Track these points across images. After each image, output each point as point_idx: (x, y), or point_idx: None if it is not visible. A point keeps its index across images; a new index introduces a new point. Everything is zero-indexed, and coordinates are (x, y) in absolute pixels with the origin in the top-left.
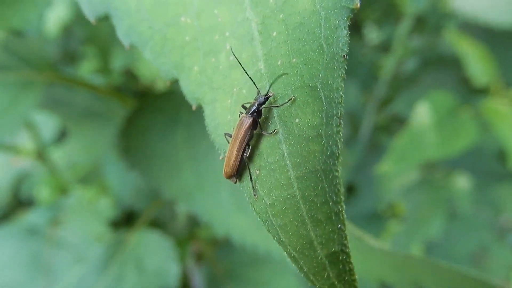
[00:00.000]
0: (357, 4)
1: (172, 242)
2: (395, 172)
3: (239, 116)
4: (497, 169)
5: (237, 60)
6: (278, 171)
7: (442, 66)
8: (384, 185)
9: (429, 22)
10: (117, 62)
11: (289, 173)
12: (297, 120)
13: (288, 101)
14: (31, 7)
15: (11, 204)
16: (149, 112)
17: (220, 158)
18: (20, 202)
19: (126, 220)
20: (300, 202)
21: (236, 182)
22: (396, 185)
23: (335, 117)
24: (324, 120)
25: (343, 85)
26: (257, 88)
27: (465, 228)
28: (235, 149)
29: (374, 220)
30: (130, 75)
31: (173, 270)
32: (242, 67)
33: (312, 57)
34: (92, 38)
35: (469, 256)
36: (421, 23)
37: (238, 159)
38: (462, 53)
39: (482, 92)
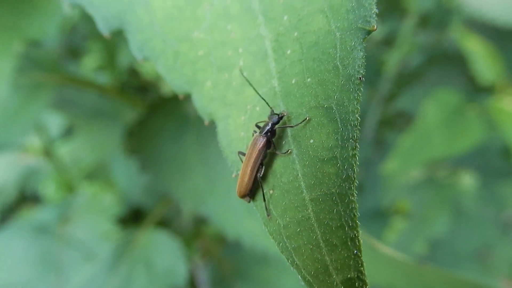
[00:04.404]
0: (374, 26)
1: (180, 241)
2: (401, 170)
3: (253, 135)
4: (502, 167)
5: (246, 80)
6: (292, 192)
7: (448, 63)
8: (389, 182)
9: (434, 18)
10: (123, 58)
11: (304, 194)
12: (311, 141)
13: (303, 121)
14: (47, 16)
15: (17, 199)
16: (159, 115)
17: (233, 176)
18: (25, 197)
19: (133, 217)
20: (315, 224)
21: (249, 202)
22: (400, 182)
23: (351, 140)
24: (340, 143)
25: (359, 107)
26: (270, 107)
27: (469, 226)
28: (249, 168)
29: (378, 217)
30: (132, 71)
31: (181, 270)
32: (253, 87)
33: (327, 78)
34: (98, 34)
35: (473, 253)
36: (425, 19)
37: (252, 179)
38: (468, 51)
39: (488, 90)
